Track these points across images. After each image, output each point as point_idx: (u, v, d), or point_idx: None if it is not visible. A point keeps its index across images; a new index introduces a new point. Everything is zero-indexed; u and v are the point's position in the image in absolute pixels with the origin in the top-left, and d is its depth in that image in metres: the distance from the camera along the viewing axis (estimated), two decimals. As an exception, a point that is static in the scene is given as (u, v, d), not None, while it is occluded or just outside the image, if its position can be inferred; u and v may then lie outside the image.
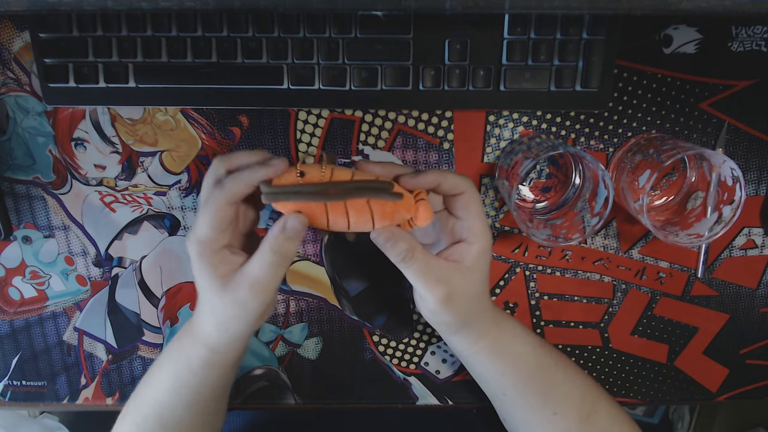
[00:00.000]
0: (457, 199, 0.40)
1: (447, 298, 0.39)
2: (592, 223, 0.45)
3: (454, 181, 0.39)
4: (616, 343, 0.56)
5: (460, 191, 0.40)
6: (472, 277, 0.40)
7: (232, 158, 0.40)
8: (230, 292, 0.38)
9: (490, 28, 0.46)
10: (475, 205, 0.40)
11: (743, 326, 0.55)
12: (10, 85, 0.49)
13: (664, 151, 0.43)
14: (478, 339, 0.44)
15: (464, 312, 0.41)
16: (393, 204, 0.38)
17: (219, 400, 0.48)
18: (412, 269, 0.39)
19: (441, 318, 0.42)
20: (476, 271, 0.41)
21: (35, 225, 0.53)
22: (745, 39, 0.48)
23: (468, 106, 0.49)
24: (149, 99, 0.48)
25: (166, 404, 0.44)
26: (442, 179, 0.39)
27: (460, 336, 0.44)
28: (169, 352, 0.45)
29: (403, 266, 0.39)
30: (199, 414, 0.46)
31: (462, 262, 0.40)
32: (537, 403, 0.45)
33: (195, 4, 0.39)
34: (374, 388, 0.57)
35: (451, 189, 0.40)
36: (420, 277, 0.39)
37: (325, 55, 0.46)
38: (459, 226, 0.41)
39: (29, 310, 0.55)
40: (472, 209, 0.40)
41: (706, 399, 0.57)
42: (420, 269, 0.39)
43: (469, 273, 0.40)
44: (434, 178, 0.39)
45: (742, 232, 0.53)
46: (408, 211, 0.39)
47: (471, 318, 0.43)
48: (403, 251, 0.38)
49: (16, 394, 0.57)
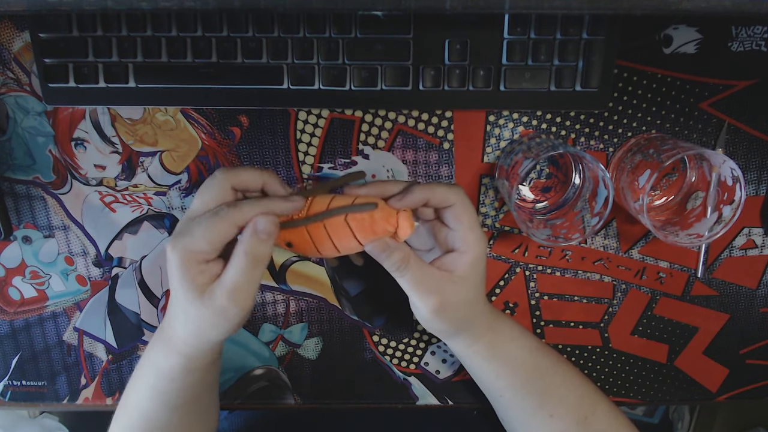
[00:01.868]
0: (448, 211, 0.40)
1: (439, 307, 0.40)
2: (592, 223, 0.45)
3: (442, 194, 0.39)
4: (616, 343, 0.56)
5: (450, 204, 0.40)
6: (465, 286, 0.40)
7: (239, 174, 0.39)
8: (208, 301, 0.37)
9: (490, 28, 0.46)
10: (466, 216, 0.40)
11: (743, 326, 0.55)
12: (10, 85, 0.49)
13: (664, 151, 0.43)
14: (472, 343, 0.44)
15: (457, 319, 0.42)
16: (370, 217, 0.39)
17: (206, 399, 0.47)
18: (405, 279, 0.39)
19: (434, 326, 0.42)
20: (469, 280, 0.41)
21: (35, 225, 0.53)
22: (745, 39, 0.48)
23: (468, 106, 0.49)
24: (149, 99, 0.48)
25: (150, 410, 0.44)
26: (429, 194, 0.39)
27: (455, 340, 0.45)
28: (146, 361, 0.44)
29: (397, 276, 0.40)
30: (188, 414, 0.45)
31: (455, 271, 0.40)
32: (533, 405, 0.45)
33: (195, 4, 0.39)
34: (374, 388, 0.57)
35: (441, 202, 0.40)
36: (413, 287, 0.40)
37: (325, 55, 0.46)
38: (451, 236, 0.41)
39: (29, 310, 0.55)
40: (463, 220, 0.40)
41: (706, 399, 0.57)
42: (413, 279, 0.39)
43: (461, 282, 0.40)
44: (422, 196, 0.39)
45: (742, 232, 0.53)
46: (388, 222, 0.39)
47: (465, 324, 0.43)
48: (398, 261, 0.39)
49: (16, 394, 0.57)
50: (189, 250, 0.36)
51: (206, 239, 0.36)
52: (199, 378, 0.43)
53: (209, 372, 0.44)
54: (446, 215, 0.41)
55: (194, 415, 0.46)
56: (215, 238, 0.36)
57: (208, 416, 0.49)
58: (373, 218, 0.39)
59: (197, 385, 0.44)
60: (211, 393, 0.48)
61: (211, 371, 0.45)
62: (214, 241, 0.36)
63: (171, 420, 0.44)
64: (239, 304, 0.37)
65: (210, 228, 0.36)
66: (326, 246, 0.40)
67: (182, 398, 0.43)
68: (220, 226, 0.36)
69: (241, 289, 0.37)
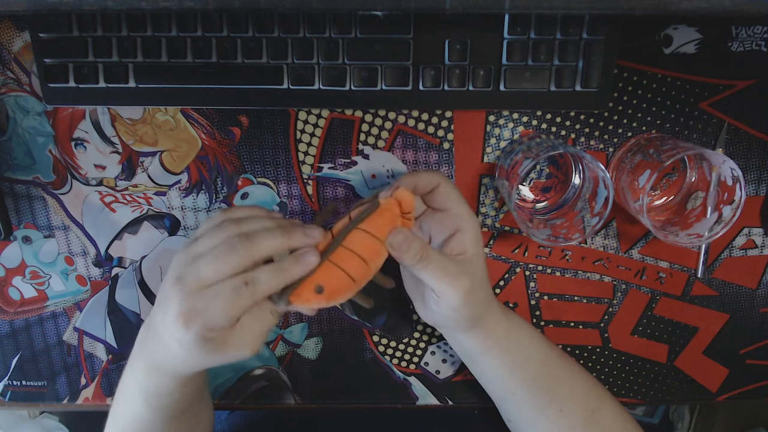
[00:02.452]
0: (436, 193, 0.41)
1: (470, 289, 0.39)
2: (592, 223, 0.45)
3: (427, 177, 0.41)
4: (616, 343, 0.56)
5: (435, 184, 0.41)
6: (479, 263, 0.41)
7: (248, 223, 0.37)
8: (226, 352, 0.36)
9: (490, 28, 0.46)
10: (453, 192, 0.41)
11: (743, 326, 0.55)
12: (10, 85, 0.49)
13: (664, 151, 0.43)
14: (490, 334, 0.44)
15: (482, 302, 0.42)
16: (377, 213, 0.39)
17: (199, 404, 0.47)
18: (430, 268, 0.38)
19: (462, 314, 0.41)
20: (480, 256, 0.41)
21: (35, 225, 0.53)
22: (745, 39, 0.48)
23: (468, 106, 0.49)
24: (149, 99, 0.48)
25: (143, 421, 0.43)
26: (416, 180, 0.40)
27: (474, 332, 0.44)
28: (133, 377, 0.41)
29: (420, 267, 0.38)
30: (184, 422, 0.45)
31: (466, 252, 0.41)
32: (544, 400, 0.45)
33: (195, 4, 0.39)
34: (374, 388, 0.57)
35: (428, 184, 0.41)
36: (441, 274, 0.39)
37: (325, 55, 0.46)
38: (448, 218, 0.41)
39: (29, 310, 0.55)
40: (452, 197, 0.41)
41: (706, 399, 0.57)
42: (439, 266, 0.39)
43: (476, 260, 0.41)
44: (408, 181, 0.40)
45: (742, 232, 0.53)
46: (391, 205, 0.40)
47: (485, 308, 0.43)
48: (419, 251, 0.38)
49: (16, 394, 0.57)
50: (208, 328, 0.34)
51: (225, 316, 0.34)
52: (190, 391, 0.42)
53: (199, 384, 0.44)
54: (435, 198, 0.42)
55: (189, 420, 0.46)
56: (234, 314, 0.35)
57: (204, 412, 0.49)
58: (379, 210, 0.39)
59: (189, 396, 0.43)
60: (202, 401, 0.48)
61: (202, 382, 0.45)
62: (234, 316, 0.35)
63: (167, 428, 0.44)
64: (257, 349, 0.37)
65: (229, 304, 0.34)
66: (355, 264, 0.38)
67: (175, 409, 0.43)
68: (240, 304, 0.35)
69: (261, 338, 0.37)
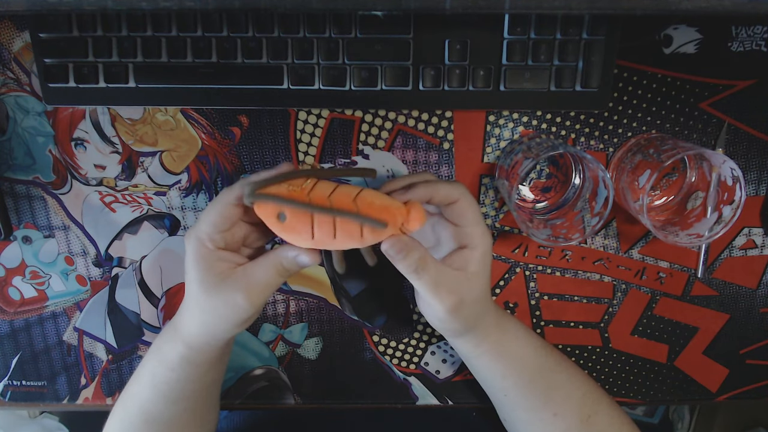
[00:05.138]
0: (452, 208, 0.40)
1: (456, 306, 0.39)
2: (592, 223, 0.45)
3: (446, 191, 0.39)
4: (616, 343, 0.56)
5: (453, 200, 0.39)
6: (478, 283, 0.40)
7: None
8: (224, 291, 0.38)
9: (490, 28, 0.46)
10: (471, 211, 0.39)
11: (743, 326, 0.55)
12: (10, 85, 0.49)
13: (664, 151, 0.43)
14: (481, 342, 0.44)
15: (471, 317, 0.41)
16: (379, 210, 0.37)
17: (206, 398, 0.47)
18: (423, 280, 0.38)
19: (447, 325, 0.42)
20: (481, 276, 0.40)
21: (35, 225, 0.53)
22: (745, 39, 0.48)
23: (468, 106, 0.49)
24: (149, 99, 0.48)
25: (148, 400, 0.44)
26: (433, 192, 0.39)
27: (463, 339, 0.44)
28: (152, 348, 0.45)
29: (414, 277, 0.38)
30: (186, 411, 0.45)
31: (467, 269, 0.40)
32: (538, 404, 0.45)
33: (195, 4, 0.39)
34: (374, 388, 0.57)
35: (445, 199, 0.39)
36: (432, 288, 0.38)
37: (325, 55, 0.46)
38: (458, 233, 0.40)
39: (29, 310, 0.55)
40: (468, 216, 0.39)
41: (706, 399, 0.57)
42: (432, 280, 0.38)
43: (475, 279, 0.40)
44: (425, 193, 0.38)
45: (742, 232, 0.53)
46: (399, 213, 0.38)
47: (476, 322, 0.43)
48: (416, 261, 0.37)
49: (16, 394, 0.57)
50: (197, 236, 0.38)
51: (210, 223, 0.38)
52: (198, 373, 0.43)
53: (211, 369, 0.45)
54: (450, 212, 0.40)
55: (191, 413, 0.46)
56: (218, 221, 0.38)
57: (207, 416, 0.49)
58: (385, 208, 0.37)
59: (197, 380, 0.44)
60: (211, 393, 0.48)
61: (214, 369, 0.45)
62: (218, 224, 0.38)
63: (168, 413, 0.45)
64: (253, 300, 0.38)
65: (210, 211, 0.38)
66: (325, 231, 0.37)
67: (181, 391, 0.44)
68: (219, 208, 0.38)
69: (259, 288, 0.38)
